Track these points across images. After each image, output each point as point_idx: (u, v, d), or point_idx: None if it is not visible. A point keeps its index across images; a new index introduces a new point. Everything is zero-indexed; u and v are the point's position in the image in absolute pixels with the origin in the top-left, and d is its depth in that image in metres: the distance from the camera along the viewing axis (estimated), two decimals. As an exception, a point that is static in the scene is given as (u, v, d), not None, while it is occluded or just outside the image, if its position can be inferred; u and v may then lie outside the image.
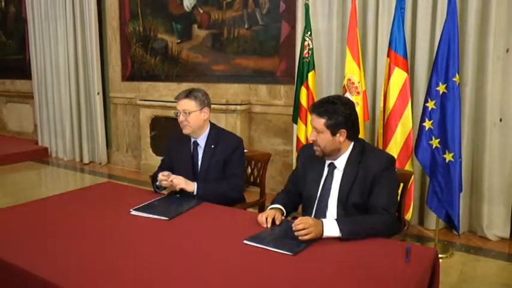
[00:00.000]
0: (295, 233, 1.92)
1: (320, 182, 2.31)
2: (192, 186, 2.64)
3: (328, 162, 2.30)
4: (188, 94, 2.75)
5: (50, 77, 7.36)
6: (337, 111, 2.18)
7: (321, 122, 2.19)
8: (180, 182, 2.61)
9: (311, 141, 2.28)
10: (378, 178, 2.16)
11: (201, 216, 2.35)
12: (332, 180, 2.27)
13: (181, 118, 2.72)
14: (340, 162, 2.26)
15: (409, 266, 1.69)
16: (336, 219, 2.03)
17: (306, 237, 1.90)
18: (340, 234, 1.95)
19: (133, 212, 2.34)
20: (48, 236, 2.06)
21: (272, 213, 2.17)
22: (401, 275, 1.63)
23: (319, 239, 1.93)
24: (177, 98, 2.77)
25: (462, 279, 3.06)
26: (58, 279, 1.62)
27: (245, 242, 1.93)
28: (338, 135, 2.19)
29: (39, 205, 2.60)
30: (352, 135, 2.25)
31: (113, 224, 2.24)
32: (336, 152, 2.24)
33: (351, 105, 2.26)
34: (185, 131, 2.76)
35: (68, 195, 2.86)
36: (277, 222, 2.14)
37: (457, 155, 3.27)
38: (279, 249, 1.85)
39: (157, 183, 2.70)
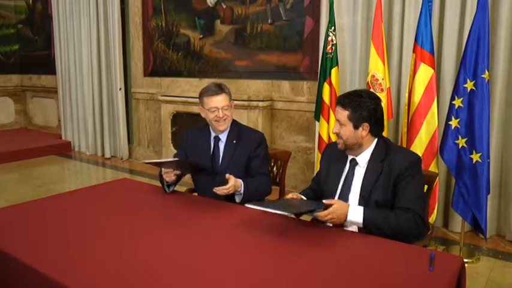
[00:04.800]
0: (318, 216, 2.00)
1: (341, 177, 2.27)
2: (238, 184, 2.53)
3: (350, 158, 2.25)
4: (222, 88, 2.67)
5: (73, 73, 7.44)
6: (362, 104, 2.15)
7: (344, 114, 2.17)
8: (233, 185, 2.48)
9: (334, 134, 2.25)
10: (402, 177, 2.09)
11: (218, 215, 2.29)
12: (353, 176, 2.22)
13: (221, 114, 2.63)
14: (362, 159, 2.21)
15: (433, 275, 1.59)
16: (364, 207, 2.05)
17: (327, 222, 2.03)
18: (362, 221, 2.01)
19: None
20: (58, 234, 2.04)
21: (292, 194, 2.22)
22: (424, 285, 1.54)
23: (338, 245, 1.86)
24: (213, 94, 2.64)
25: (490, 287, 2.93)
26: (62, 277, 1.59)
27: (246, 205, 2.03)
28: (361, 129, 2.15)
29: (52, 201, 2.59)
30: (376, 131, 2.20)
31: (125, 222, 2.20)
32: (357, 147, 2.20)
33: (377, 100, 2.21)
34: (222, 127, 2.68)
35: (82, 191, 2.84)
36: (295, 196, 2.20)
37: (485, 155, 3.13)
38: (279, 210, 1.91)
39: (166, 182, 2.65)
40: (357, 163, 2.22)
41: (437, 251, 1.94)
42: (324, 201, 2.03)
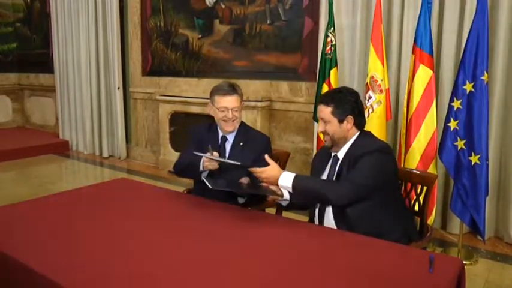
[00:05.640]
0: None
1: (324, 175, 2.32)
2: None
3: (332, 155, 2.32)
4: (235, 89, 2.64)
5: (71, 72, 7.43)
6: (343, 99, 2.25)
7: (327, 110, 2.24)
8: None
9: (320, 133, 2.32)
10: (356, 159, 2.14)
11: (217, 215, 2.28)
12: (334, 172, 2.27)
13: (230, 115, 2.60)
14: (342, 153, 2.27)
15: (433, 276, 1.58)
16: (297, 174, 2.18)
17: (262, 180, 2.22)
18: (292, 187, 2.14)
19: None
20: (56, 233, 2.03)
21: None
22: (424, 287, 1.53)
23: (333, 246, 1.86)
24: (225, 93, 2.62)
25: (487, 288, 2.94)
26: (60, 278, 1.58)
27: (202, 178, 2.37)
28: (346, 122, 2.23)
29: (50, 201, 2.58)
30: (359, 123, 2.28)
31: (123, 222, 2.19)
32: (343, 141, 2.26)
33: (356, 94, 2.31)
34: (230, 128, 2.66)
35: (80, 191, 2.83)
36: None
37: (483, 157, 3.12)
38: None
39: (201, 168, 2.53)
40: (338, 159, 2.28)
41: (436, 253, 1.94)
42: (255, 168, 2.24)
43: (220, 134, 2.74)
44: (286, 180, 2.15)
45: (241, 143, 2.69)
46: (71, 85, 7.47)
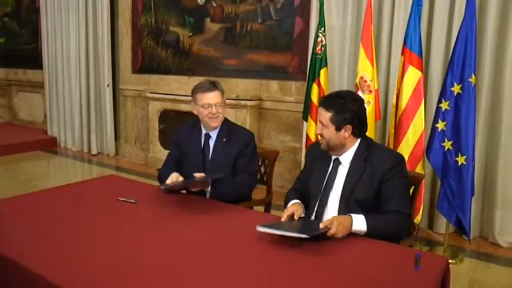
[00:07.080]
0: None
1: (325, 177, 2.27)
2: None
3: (333, 157, 2.27)
4: (216, 85, 2.69)
5: (60, 68, 7.37)
6: (344, 106, 2.16)
7: (327, 115, 2.18)
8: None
9: (317, 135, 2.27)
10: (386, 177, 2.10)
11: (207, 213, 2.29)
12: (336, 176, 2.24)
13: (214, 110, 2.64)
14: (346, 158, 2.23)
15: (419, 274, 1.61)
16: (365, 215, 2.03)
17: (338, 236, 1.92)
18: (366, 230, 1.99)
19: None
20: (43, 229, 2.02)
21: (292, 209, 2.15)
22: (410, 284, 1.56)
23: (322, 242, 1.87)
24: (207, 90, 2.67)
25: (472, 287, 2.97)
26: (46, 273, 1.59)
27: (258, 228, 1.89)
28: (343, 130, 2.17)
29: (40, 197, 2.57)
30: (358, 132, 2.21)
31: (112, 219, 2.19)
32: (340, 147, 2.21)
33: (359, 102, 2.23)
34: (215, 124, 2.69)
35: (69, 187, 2.81)
36: (296, 218, 2.11)
37: (470, 158, 3.17)
38: (293, 232, 1.84)
39: (166, 186, 2.55)
40: (340, 163, 2.24)
41: (422, 251, 1.97)
42: (321, 225, 1.92)
43: (204, 132, 2.77)
44: (359, 225, 2.00)
45: (224, 139, 2.72)
46: (60, 81, 7.41)
